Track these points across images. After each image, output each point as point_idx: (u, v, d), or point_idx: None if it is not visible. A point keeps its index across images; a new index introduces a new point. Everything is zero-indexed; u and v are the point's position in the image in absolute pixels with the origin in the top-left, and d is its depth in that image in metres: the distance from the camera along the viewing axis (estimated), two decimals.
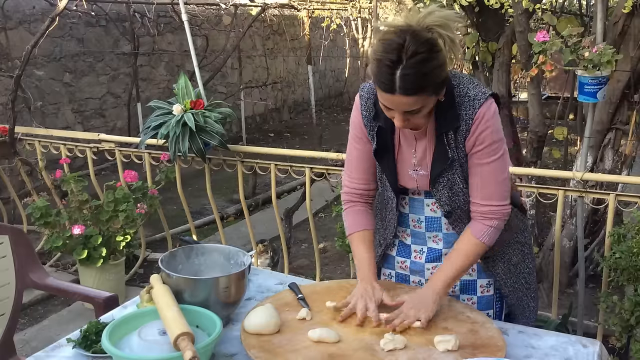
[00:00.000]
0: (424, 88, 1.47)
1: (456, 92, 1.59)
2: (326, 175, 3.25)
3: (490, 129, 1.58)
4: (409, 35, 1.44)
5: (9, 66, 5.76)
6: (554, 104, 5.76)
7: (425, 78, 1.46)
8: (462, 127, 1.59)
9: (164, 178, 3.71)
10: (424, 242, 1.80)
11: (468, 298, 1.79)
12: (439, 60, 1.47)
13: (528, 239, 1.87)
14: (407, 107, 1.50)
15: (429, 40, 1.45)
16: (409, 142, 1.69)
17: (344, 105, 12.55)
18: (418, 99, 1.48)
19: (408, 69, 1.43)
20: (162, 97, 6.29)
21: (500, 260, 1.78)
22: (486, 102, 1.57)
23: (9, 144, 4.06)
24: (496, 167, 1.62)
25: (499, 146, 1.60)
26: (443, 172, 1.64)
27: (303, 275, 3.85)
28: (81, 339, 1.56)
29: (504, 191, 1.65)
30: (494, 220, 1.64)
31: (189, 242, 1.82)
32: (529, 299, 1.86)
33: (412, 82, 1.45)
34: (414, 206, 1.77)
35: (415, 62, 1.43)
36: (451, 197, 1.67)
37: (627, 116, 3.73)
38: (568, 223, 3.69)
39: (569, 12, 4.76)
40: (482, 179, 1.63)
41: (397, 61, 1.44)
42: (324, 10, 10.43)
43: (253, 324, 1.52)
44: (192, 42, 3.77)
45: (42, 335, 3.33)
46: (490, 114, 1.57)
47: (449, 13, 1.51)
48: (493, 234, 1.65)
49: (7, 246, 2.16)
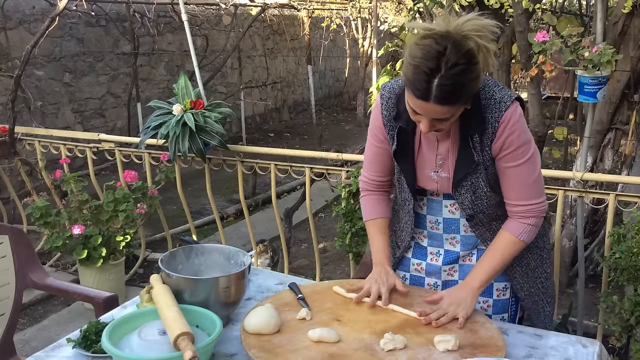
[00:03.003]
0: (459, 99, 1.46)
1: (482, 95, 1.58)
2: (326, 175, 3.25)
3: (517, 132, 1.56)
4: (450, 44, 1.42)
5: (9, 66, 5.77)
6: (554, 104, 5.75)
7: (462, 89, 1.44)
8: (488, 130, 1.57)
9: (164, 178, 3.71)
10: (440, 244, 1.79)
11: (484, 300, 1.78)
12: (476, 72, 1.46)
13: (547, 243, 1.85)
14: (439, 115, 1.48)
15: (470, 51, 1.43)
16: (431, 143, 1.68)
17: (344, 105, 12.55)
18: (451, 109, 1.47)
19: (446, 79, 1.41)
20: (162, 97, 6.30)
21: (518, 264, 1.76)
22: (512, 105, 1.56)
23: (9, 144, 4.06)
24: (526, 170, 1.60)
25: (526, 148, 1.59)
26: (467, 175, 1.63)
27: (303, 275, 3.86)
28: (81, 339, 1.55)
29: (538, 189, 1.64)
30: (531, 218, 1.64)
31: (189, 242, 1.82)
32: (545, 303, 1.84)
33: (449, 92, 1.43)
34: (432, 207, 1.76)
35: (454, 73, 1.41)
36: (474, 200, 1.66)
37: (627, 116, 3.73)
38: (568, 223, 3.69)
39: (569, 12, 4.76)
40: (514, 181, 1.62)
41: (436, 69, 1.41)
42: (324, 10, 10.43)
43: (253, 324, 1.52)
44: (192, 42, 3.77)
45: (42, 335, 3.33)
46: (517, 117, 1.56)
47: (487, 22, 1.49)
48: (531, 231, 1.65)
49: (7, 246, 2.16)
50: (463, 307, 1.57)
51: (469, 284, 1.64)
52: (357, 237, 3.05)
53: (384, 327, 1.55)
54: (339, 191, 3.08)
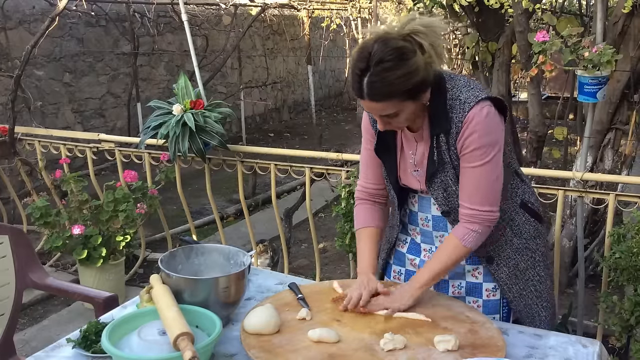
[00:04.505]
0: (391, 94, 1.51)
1: (449, 96, 1.61)
2: (326, 175, 3.25)
3: (477, 133, 1.57)
4: (377, 43, 1.49)
5: (9, 66, 5.77)
6: (554, 104, 5.76)
7: (391, 85, 1.49)
8: (452, 129, 1.60)
9: (164, 178, 3.71)
10: (432, 242, 1.82)
11: (474, 300, 1.79)
12: (408, 67, 1.48)
13: (541, 246, 1.83)
14: (379, 112, 1.56)
15: (399, 49, 1.48)
16: (410, 143, 1.73)
17: (343, 105, 12.55)
18: (388, 105, 1.52)
19: (374, 76, 1.48)
20: (162, 97, 6.30)
21: (505, 265, 1.76)
22: (477, 105, 1.57)
23: (9, 144, 4.06)
24: (482, 172, 1.61)
25: (485, 152, 1.59)
26: (436, 173, 1.66)
27: (303, 275, 3.86)
28: (81, 339, 1.56)
29: (490, 197, 1.64)
30: (475, 224, 1.64)
31: (189, 242, 1.82)
32: (540, 307, 1.82)
33: (378, 89, 1.50)
34: (422, 205, 1.79)
35: (380, 70, 1.48)
36: (447, 197, 1.69)
37: (627, 116, 3.73)
38: (568, 223, 3.68)
39: (569, 12, 4.76)
40: (468, 182, 1.63)
41: (365, 69, 1.49)
42: (324, 10, 10.43)
43: (253, 324, 1.52)
44: (192, 42, 3.77)
45: (42, 335, 3.33)
46: (481, 118, 1.57)
47: (433, 20, 1.53)
48: (475, 238, 1.65)
49: (7, 246, 2.16)
50: (399, 302, 1.63)
51: (411, 284, 1.68)
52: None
53: (384, 327, 1.55)
54: (339, 191, 3.08)
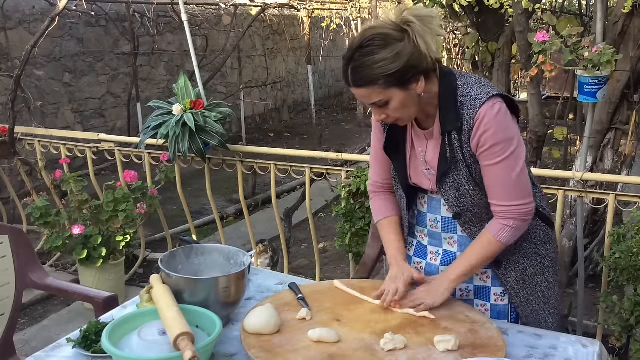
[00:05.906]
0: (373, 79, 1.52)
1: (459, 92, 1.59)
2: (326, 175, 3.25)
3: (492, 130, 1.56)
4: (364, 32, 1.53)
5: (9, 66, 5.76)
6: (554, 104, 5.75)
7: (370, 69, 1.51)
8: (464, 127, 1.58)
9: (164, 178, 3.71)
10: (439, 244, 1.80)
11: (482, 304, 1.78)
12: (388, 52, 1.49)
13: (551, 252, 1.80)
14: (366, 99, 1.57)
15: (381, 34, 1.51)
16: (421, 141, 1.71)
17: (343, 105, 12.55)
18: (372, 91, 1.53)
19: (356, 62, 1.52)
20: (162, 97, 6.29)
21: (513, 269, 1.74)
22: (487, 102, 1.56)
23: (8, 144, 4.06)
24: (504, 168, 1.59)
25: (504, 147, 1.57)
26: (448, 172, 1.64)
27: (303, 275, 3.86)
28: (81, 339, 1.55)
29: (520, 190, 1.62)
30: (509, 219, 1.62)
31: (189, 242, 1.82)
32: (547, 314, 1.80)
33: (359, 74, 1.52)
34: (432, 205, 1.77)
35: (359, 55, 1.51)
36: (459, 198, 1.66)
37: (627, 116, 3.73)
38: (568, 223, 3.68)
39: (568, 12, 4.76)
40: (492, 180, 1.62)
41: (350, 58, 1.53)
42: (324, 10, 10.43)
43: (253, 324, 1.52)
44: (192, 42, 3.77)
45: (42, 335, 3.33)
46: (492, 115, 1.55)
47: (424, 9, 1.55)
48: (510, 233, 1.63)
49: (7, 246, 2.16)
50: (432, 296, 1.64)
51: (446, 275, 1.67)
52: (357, 237, 3.04)
53: (384, 327, 1.55)
54: (339, 191, 3.08)
